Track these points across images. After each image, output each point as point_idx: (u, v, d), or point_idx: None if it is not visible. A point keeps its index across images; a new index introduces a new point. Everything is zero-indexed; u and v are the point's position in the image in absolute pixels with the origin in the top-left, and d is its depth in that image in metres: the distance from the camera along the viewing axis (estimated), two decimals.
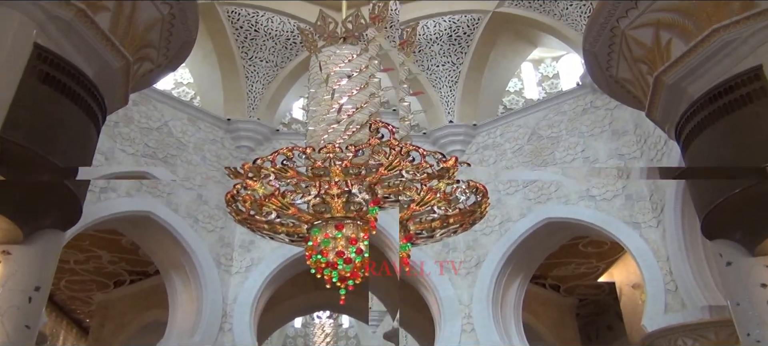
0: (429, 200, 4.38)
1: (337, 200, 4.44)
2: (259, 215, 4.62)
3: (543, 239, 10.44)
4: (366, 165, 4.27)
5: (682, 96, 5.46)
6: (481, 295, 10.27)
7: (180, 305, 9.92)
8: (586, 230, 9.86)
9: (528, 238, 10.29)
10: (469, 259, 10.70)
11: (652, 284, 8.65)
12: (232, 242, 10.57)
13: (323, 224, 4.57)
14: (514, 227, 10.37)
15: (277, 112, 12.08)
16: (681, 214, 8.14)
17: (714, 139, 5.03)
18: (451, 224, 4.68)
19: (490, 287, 10.27)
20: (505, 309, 10.51)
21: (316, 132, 4.91)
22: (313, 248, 4.55)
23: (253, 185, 4.40)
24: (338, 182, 4.31)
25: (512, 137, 11.02)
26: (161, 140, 9.94)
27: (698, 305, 7.90)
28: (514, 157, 10.81)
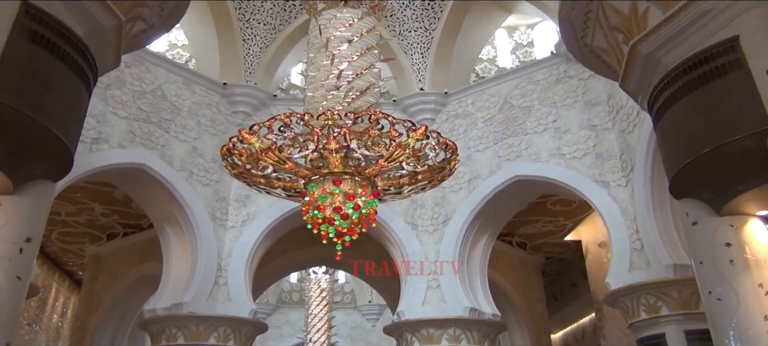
0: (397, 156, 4.26)
1: (335, 155, 4.28)
2: (255, 169, 4.47)
3: (511, 196, 10.21)
4: (366, 133, 4.13)
5: (657, 66, 5.16)
6: (448, 252, 10.06)
7: (174, 259, 9.59)
8: (555, 188, 9.70)
9: (496, 195, 10.04)
10: (436, 216, 10.48)
11: (618, 243, 8.47)
12: (228, 196, 10.25)
13: (321, 179, 4.45)
14: (483, 185, 10.13)
15: (275, 76, 11.61)
16: (651, 173, 7.94)
17: (686, 111, 4.75)
18: (419, 181, 4.63)
19: (457, 244, 10.06)
20: (472, 266, 10.33)
21: (315, 98, 4.74)
22: (310, 203, 4.42)
23: (250, 139, 4.23)
24: (337, 137, 4.14)
25: (484, 106, 10.75)
26: (155, 104, 9.48)
27: (663, 263, 7.72)
28: (484, 127, 10.56)
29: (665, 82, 4.86)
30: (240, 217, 10.16)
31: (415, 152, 4.32)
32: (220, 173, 10.05)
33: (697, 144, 4.46)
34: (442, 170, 4.63)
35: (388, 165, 4.38)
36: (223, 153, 4.42)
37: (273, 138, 4.20)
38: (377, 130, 4.15)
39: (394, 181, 4.66)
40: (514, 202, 10.47)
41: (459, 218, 10.20)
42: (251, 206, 10.28)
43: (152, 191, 9.44)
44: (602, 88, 9.67)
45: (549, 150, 9.68)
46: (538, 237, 13.01)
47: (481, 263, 10.46)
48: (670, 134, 4.86)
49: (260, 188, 4.78)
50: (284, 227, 10.49)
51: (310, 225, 4.45)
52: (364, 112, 4.24)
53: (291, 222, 10.35)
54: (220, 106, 10.68)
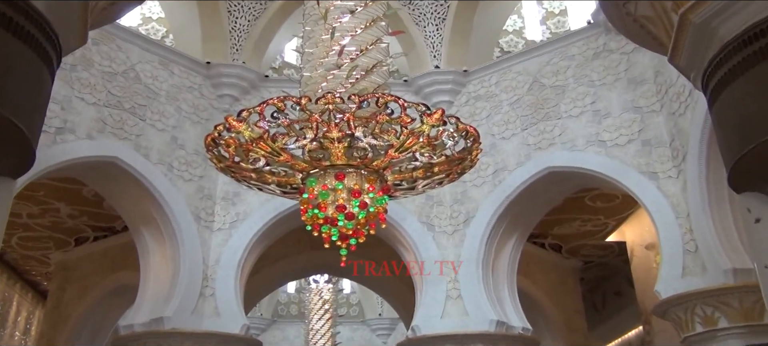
0: (410, 146, 4.29)
1: (337, 145, 4.30)
2: (245, 162, 4.51)
3: (543, 191, 10.12)
4: (373, 118, 4.16)
5: (712, 38, 5.09)
6: (470, 256, 10.00)
7: (152, 267, 9.62)
8: (594, 180, 9.63)
9: (526, 190, 9.94)
10: (456, 214, 10.47)
11: (668, 244, 8.43)
12: (214, 194, 10.25)
13: (321, 173, 4.49)
14: (510, 178, 10.07)
15: (266, 54, 11.60)
16: (706, 162, 7.87)
17: (746, 91, 4.65)
18: (435, 174, 4.66)
19: (481, 246, 10.00)
20: (498, 272, 10.28)
21: (313, 79, 4.77)
22: (309, 201, 4.48)
23: (238, 127, 4.27)
24: (339, 124, 4.16)
25: (510, 86, 10.68)
26: (127, 87, 9.51)
27: (721, 267, 7.68)
28: (511, 110, 10.50)
29: (722, 57, 4.80)
30: (228, 218, 10.20)
31: (430, 141, 4.32)
32: (205, 167, 10.08)
33: (760, 128, 4.40)
34: (461, 162, 4.63)
35: (399, 156, 4.39)
36: (208, 144, 4.45)
37: (265, 126, 4.21)
38: (386, 116, 4.15)
39: (406, 174, 4.67)
40: (546, 197, 10.40)
41: (482, 217, 10.18)
42: (241, 204, 10.32)
43: (126, 188, 9.47)
44: (648, 64, 9.59)
45: (587, 136, 9.63)
46: (575, 238, 12.96)
47: (509, 268, 10.42)
48: (728, 117, 4.80)
49: (251, 183, 4.79)
50: (280, 228, 10.51)
51: (310, 226, 4.46)
52: (371, 94, 4.23)
53: (288, 223, 10.37)
54: (204, 89, 10.70)
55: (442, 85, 11.30)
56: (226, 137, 4.37)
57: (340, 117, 4.12)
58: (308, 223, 4.47)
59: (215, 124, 4.38)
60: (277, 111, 4.19)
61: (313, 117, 4.14)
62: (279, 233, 10.71)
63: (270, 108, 4.20)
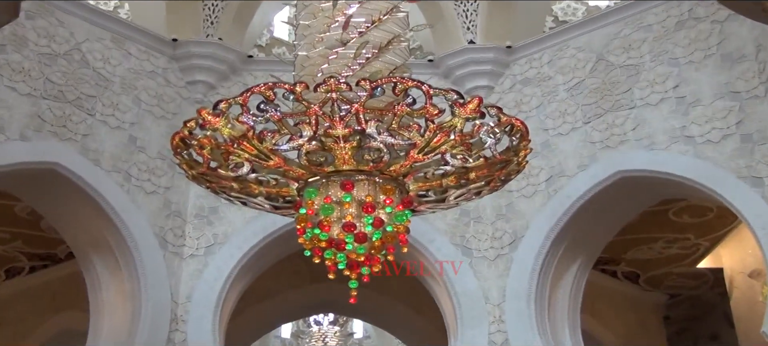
0: (438, 145, 4.27)
1: (343, 146, 4.27)
2: (224, 169, 4.48)
3: (614, 203, 10.13)
4: (389, 110, 4.17)
5: None
6: (519, 289, 10.02)
7: (106, 306, 9.65)
8: (679, 189, 9.62)
9: (590, 202, 9.94)
10: (500, 234, 10.48)
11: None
12: (184, 210, 10.34)
13: (323, 182, 4.48)
14: (570, 186, 10.06)
15: (250, 28, 11.66)
16: None
17: None
18: (471, 182, 4.63)
19: (533, 276, 10.01)
20: (555, 310, 10.32)
21: (311, 60, 4.77)
22: (307, 218, 4.44)
23: (215, 123, 4.22)
24: (345, 117, 4.12)
25: (567, 67, 10.67)
26: (71, 73, 9.56)
27: None
28: (569, 98, 10.51)
29: None
30: (203, 241, 10.26)
31: (464, 138, 4.29)
32: (172, 176, 10.16)
33: None
34: (505, 165, 4.60)
35: (423, 159, 4.37)
36: (176, 145, 4.43)
37: (249, 121, 4.19)
38: (406, 106, 4.13)
39: (433, 182, 4.65)
40: (617, 211, 10.37)
41: (534, 238, 10.16)
42: (220, 224, 10.35)
43: (70, 203, 9.52)
44: (747, 36, 9.50)
45: (669, 131, 9.57)
46: (656, 265, 12.90)
47: (571, 305, 10.39)
48: None
49: (232, 196, 4.79)
50: (270, 255, 10.54)
51: (310, 252, 4.45)
52: (386, 78, 4.22)
53: (280, 248, 10.39)
54: (169, 74, 10.76)
55: (478, 66, 11.26)
56: (200, 136, 4.34)
57: (346, 109, 4.09)
58: (307, 247, 4.44)
59: (185, 120, 4.35)
60: (265, 102, 4.15)
61: (311, 109, 4.11)
62: (269, 261, 10.70)
63: (256, 98, 4.16)
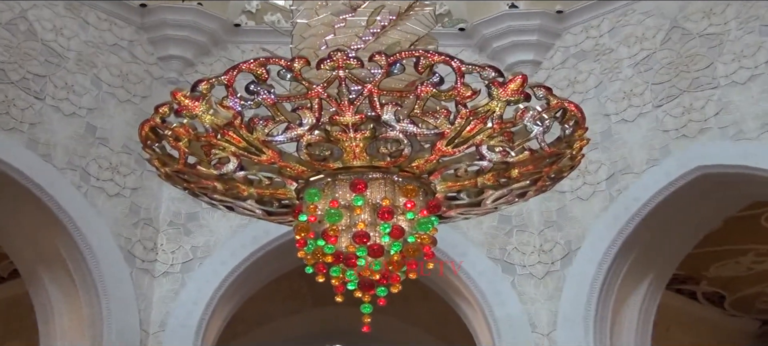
0: (471, 135, 4.25)
1: (353, 136, 4.26)
2: (205, 165, 4.51)
3: (692, 206, 10.25)
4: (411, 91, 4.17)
5: None
6: (574, 314, 10.15)
7: (59, 336, 9.73)
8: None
9: (664, 205, 10.02)
10: (549, 246, 10.59)
11: None
12: (156, 217, 10.41)
13: (328, 181, 4.51)
14: (637, 186, 10.14)
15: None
16: None
17: None
18: (514, 180, 4.64)
19: (591, 298, 10.12)
20: (620, 339, 10.42)
21: (313, 29, 4.78)
22: (308, 227, 4.45)
23: (194, 108, 4.22)
24: (356, 101, 4.11)
25: (633, 36, 10.68)
26: (15, 48, 9.61)
27: None
28: (636, 76, 10.56)
29: None
30: (180, 255, 10.31)
31: (504, 126, 4.27)
32: (141, 174, 10.22)
33: None
34: (556, 160, 4.59)
35: (453, 152, 4.36)
36: (145, 136, 4.44)
37: (236, 106, 4.18)
38: (432, 87, 4.10)
39: (466, 181, 4.66)
40: (697, 217, 10.43)
41: (593, 250, 10.20)
42: (200, 233, 10.42)
43: (14, 209, 9.59)
44: None
45: (761, 116, 9.58)
46: (745, 284, 12.85)
47: (639, 333, 10.44)
48: None
49: (215, 199, 4.82)
50: (262, 272, 10.62)
51: (312, 268, 4.47)
52: (406, 52, 4.19)
53: (275, 263, 10.47)
54: (136, 48, 10.80)
55: (522, 36, 11.31)
56: (175, 125, 4.34)
57: (356, 90, 4.07)
58: (309, 262, 4.45)
59: (156, 105, 4.33)
60: (256, 82, 4.14)
61: (313, 91, 4.09)
62: (262, 280, 10.81)
63: (244, 77, 4.15)
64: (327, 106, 4.14)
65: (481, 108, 4.16)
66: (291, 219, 4.72)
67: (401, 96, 4.20)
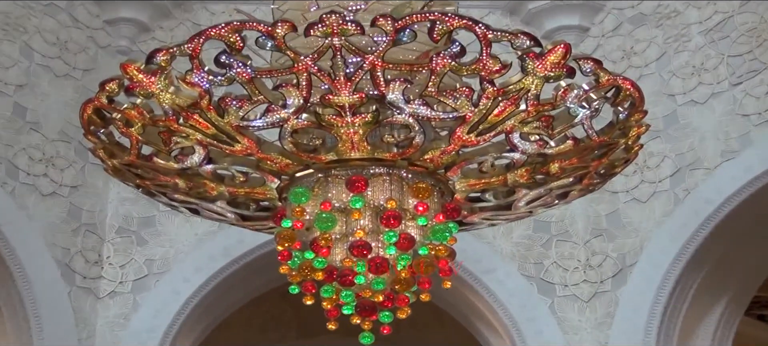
0: (500, 119, 4.25)
1: (352, 120, 4.25)
2: (164, 157, 4.54)
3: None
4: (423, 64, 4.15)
5: None
6: (630, 345, 10.14)
7: None
8: None
9: (743, 208, 10.04)
10: (598, 260, 10.70)
11: None
12: (102, 222, 10.48)
13: (319, 177, 4.53)
14: (710, 183, 10.18)
15: None
16: None
17: None
18: (553, 178, 4.67)
19: (651, 324, 10.19)
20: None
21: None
22: (291, 236, 4.46)
23: (150, 85, 4.20)
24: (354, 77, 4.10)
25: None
26: None
27: None
28: (707, 47, 10.58)
29: None
30: (131, 270, 10.35)
31: (540, 109, 4.27)
32: (83, 168, 10.27)
33: None
34: (607, 151, 4.60)
35: (477, 141, 4.37)
36: (89, 120, 4.43)
37: (204, 82, 4.17)
38: (449, 59, 4.08)
39: (493, 178, 4.67)
40: None
41: (654, 265, 10.26)
42: (157, 243, 10.48)
43: None
44: None
45: None
46: None
47: None
48: None
49: (176, 200, 4.86)
50: (236, 292, 10.70)
51: (297, 288, 4.47)
52: (418, 14, 4.14)
53: (251, 281, 10.57)
54: (78, 8, 10.82)
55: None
56: (126, 107, 4.33)
57: (355, 63, 4.06)
58: (294, 280, 4.45)
59: (102, 81, 4.29)
60: (228, 52, 4.11)
61: (301, 64, 4.08)
62: (235, 302, 10.94)
63: (214, 46, 4.13)
64: (318, 84, 4.13)
65: (513, 86, 4.14)
66: (272, 225, 4.72)
67: (411, 70, 4.20)
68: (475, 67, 4.06)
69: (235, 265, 10.33)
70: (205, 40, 4.07)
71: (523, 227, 10.44)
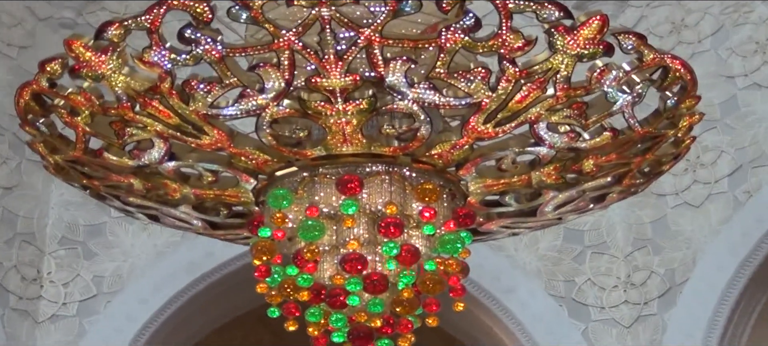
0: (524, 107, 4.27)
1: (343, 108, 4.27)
2: (116, 152, 4.56)
3: None
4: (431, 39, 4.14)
5: None
6: None
7: None
8: None
9: None
10: (641, 278, 10.79)
11: None
12: (41, 231, 10.52)
13: (304, 177, 4.57)
14: None
15: None
16: None
17: None
18: (588, 176, 4.70)
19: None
20: None
21: None
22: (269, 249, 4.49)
23: (100, 65, 4.21)
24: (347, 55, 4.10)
25: None
26: None
27: None
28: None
29: None
30: (76, 289, 10.37)
31: (574, 94, 4.28)
32: (19, 166, 10.28)
33: None
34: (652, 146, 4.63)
35: (495, 133, 4.38)
36: (25, 108, 4.45)
37: (165, 62, 4.17)
38: (461, 33, 4.08)
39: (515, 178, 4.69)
40: None
41: (708, 284, 10.33)
42: (107, 256, 10.53)
43: None
44: None
45: None
46: None
47: None
48: None
49: (131, 205, 4.87)
50: (203, 315, 10.79)
51: (277, 310, 4.51)
52: None
53: (222, 301, 10.66)
54: None
55: None
56: (70, 92, 4.35)
57: (347, 37, 4.07)
58: (273, 301, 4.50)
59: (42, 60, 4.30)
60: (194, 25, 4.12)
61: (282, 40, 4.10)
62: (203, 328, 11.06)
63: (177, 18, 4.16)
64: (302, 63, 4.15)
65: (539, 66, 4.16)
66: (247, 235, 4.76)
67: (416, 47, 4.19)
68: (493, 43, 4.06)
69: (203, 283, 10.35)
70: (166, 10, 4.07)
71: (550, 236, 10.46)
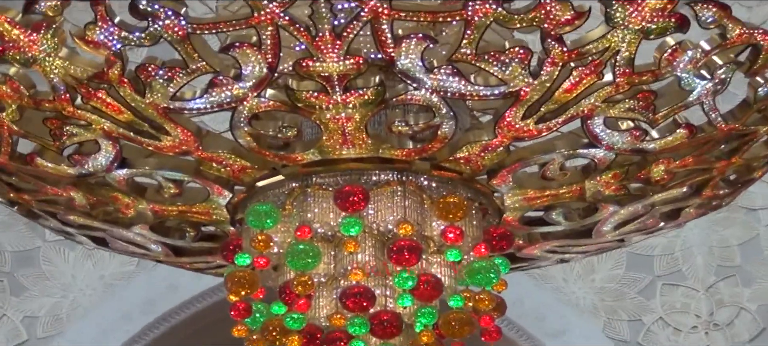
0: (573, 97, 4.30)
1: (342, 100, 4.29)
2: (51, 158, 4.57)
3: None
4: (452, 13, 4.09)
5: None
6: None
7: None
8: None
9: None
10: (727, 316, 10.95)
11: None
12: None
13: (293, 188, 4.61)
14: None
15: None
16: None
17: None
18: (655, 186, 4.76)
19: None
20: None
21: None
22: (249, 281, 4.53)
23: (31, 46, 4.20)
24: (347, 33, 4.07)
25: None
26: None
27: None
28: None
29: None
30: (1, 332, 10.36)
31: (638, 81, 4.29)
32: None
33: None
34: (739, 145, 4.64)
35: (538, 132, 4.40)
36: None
37: (114, 42, 4.14)
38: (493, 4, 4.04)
39: (564, 190, 4.72)
40: None
41: None
42: (42, 291, 10.52)
43: None
44: None
45: None
46: None
47: None
48: None
49: (70, 225, 4.88)
50: None
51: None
52: None
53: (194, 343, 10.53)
54: None
55: None
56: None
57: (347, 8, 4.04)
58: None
59: None
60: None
61: (263, 12, 4.07)
62: None
63: None
64: (290, 43, 4.19)
65: (593, 46, 4.15)
66: (220, 263, 4.80)
67: (435, 22, 4.22)
68: (534, 15, 4.03)
69: (164, 324, 10.37)
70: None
71: (610, 264, 10.50)
